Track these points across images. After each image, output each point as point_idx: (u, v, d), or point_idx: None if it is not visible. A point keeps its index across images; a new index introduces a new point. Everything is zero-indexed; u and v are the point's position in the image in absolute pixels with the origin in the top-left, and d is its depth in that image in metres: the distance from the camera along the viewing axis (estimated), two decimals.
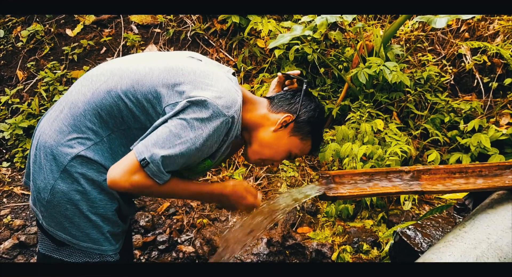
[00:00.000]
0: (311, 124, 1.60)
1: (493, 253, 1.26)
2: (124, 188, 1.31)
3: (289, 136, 1.59)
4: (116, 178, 1.30)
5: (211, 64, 1.54)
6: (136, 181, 1.30)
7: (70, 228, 1.45)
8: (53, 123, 1.45)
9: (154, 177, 1.32)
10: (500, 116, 2.97)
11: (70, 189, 1.41)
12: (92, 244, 1.48)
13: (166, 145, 1.29)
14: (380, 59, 2.90)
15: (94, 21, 4.18)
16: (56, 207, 1.43)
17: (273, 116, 1.57)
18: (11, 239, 2.76)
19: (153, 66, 1.42)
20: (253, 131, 1.59)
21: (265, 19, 3.45)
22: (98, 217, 1.45)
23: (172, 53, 1.59)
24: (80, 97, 1.42)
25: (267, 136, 1.58)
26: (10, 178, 3.43)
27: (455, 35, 3.46)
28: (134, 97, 1.37)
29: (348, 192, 1.50)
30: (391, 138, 2.73)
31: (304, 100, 1.59)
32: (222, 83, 1.42)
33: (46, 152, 1.42)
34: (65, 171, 1.40)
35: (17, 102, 3.88)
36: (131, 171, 1.30)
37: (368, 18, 3.75)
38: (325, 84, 3.41)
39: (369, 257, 2.45)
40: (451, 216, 1.72)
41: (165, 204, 3.05)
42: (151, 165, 1.29)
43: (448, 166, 1.60)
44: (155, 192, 1.38)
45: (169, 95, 1.36)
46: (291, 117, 1.56)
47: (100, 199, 1.44)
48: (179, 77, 1.38)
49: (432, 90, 3.15)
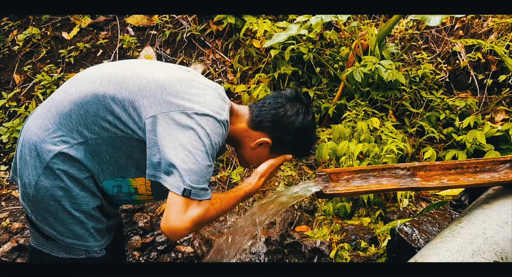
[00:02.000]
0: (291, 144, 1.59)
1: (489, 248, 1.27)
2: (188, 230, 1.30)
3: (269, 154, 1.60)
4: (175, 226, 1.28)
5: (199, 76, 1.56)
6: (194, 215, 1.30)
7: (54, 224, 1.47)
8: (38, 120, 1.46)
9: (202, 196, 1.32)
10: (495, 112, 2.99)
11: (53, 185, 1.42)
12: (76, 240, 1.49)
13: (189, 165, 1.30)
14: (375, 58, 2.91)
15: (90, 24, 4.18)
16: (41, 202, 1.44)
17: (251, 133, 1.57)
18: (10, 242, 2.76)
19: (141, 75, 1.43)
20: (236, 143, 1.62)
21: (261, 20, 3.46)
22: (81, 213, 1.47)
23: (162, 63, 1.60)
24: (67, 97, 1.43)
25: (247, 152, 1.61)
26: (8, 181, 3.43)
27: (450, 33, 3.48)
28: (121, 104, 1.38)
29: (345, 189, 1.51)
30: (387, 136, 2.74)
31: (287, 119, 1.54)
32: (210, 94, 1.45)
33: (31, 148, 1.43)
34: (47, 168, 1.41)
35: (15, 105, 3.87)
36: (183, 210, 1.29)
37: (363, 17, 3.77)
38: (321, 83, 3.42)
39: (367, 255, 2.46)
40: (448, 212, 1.73)
41: (163, 205, 3.05)
42: (192, 190, 1.30)
43: (444, 162, 1.62)
44: (211, 214, 1.38)
45: (157, 104, 1.36)
46: (268, 141, 1.55)
47: (83, 195, 1.45)
48: (168, 87, 1.40)
49: (427, 88, 3.16)
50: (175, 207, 1.29)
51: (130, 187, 1.52)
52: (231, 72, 3.71)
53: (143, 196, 1.56)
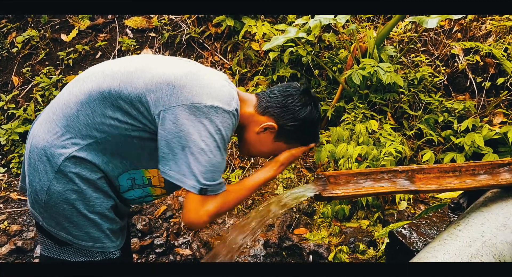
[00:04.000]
0: (296, 133, 1.59)
1: (487, 251, 1.27)
2: (206, 223, 1.38)
3: (273, 141, 1.59)
4: (194, 221, 1.36)
5: (202, 66, 1.54)
6: (210, 209, 1.36)
7: (69, 228, 1.45)
8: (45, 125, 1.44)
9: (218, 191, 1.37)
10: (493, 115, 2.99)
11: (66, 189, 1.40)
12: (92, 243, 1.47)
13: (202, 163, 1.33)
14: (373, 61, 2.91)
15: (89, 26, 4.18)
16: (54, 207, 1.42)
17: (258, 118, 1.56)
18: (8, 245, 2.76)
19: (145, 69, 1.41)
20: (239, 129, 1.59)
21: (259, 22, 3.47)
22: (96, 215, 1.45)
23: (164, 56, 1.58)
24: (72, 98, 1.41)
25: (251, 137, 1.59)
26: (7, 183, 3.43)
27: (448, 35, 3.48)
28: (128, 99, 1.36)
29: (343, 192, 1.51)
30: (386, 138, 2.75)
31: (294, 107, 1.55)
32: (217, 82, 1.43)
33: (40, 154, 1.41)
34: (59, 171, 1.39)
35: (13, 107, 3.87)
36: (200, 206, 1.35)
37: (362, 19, 3.78)
38: (319, 86, 3.43)
39: (365, 257, 2.46)
40: (446, 215, 1.73)
41: (162, 207, 3.05)
42: (209, 187, 1.34)
43: (442, 165, 1.62)
44: (228, 205, 1.43)
45: (164, 99, 1.35)
46: (274, 126, 1.55)
47: (96, 197, 1.44)
48: (174, 80, 1.37)
49: (426, 91, 3.17)
50: (193, 204, 1.35)
51: (144, 178, 1.50)
52: (230, 74, 3.71)
53: (157, 188, 1.55)
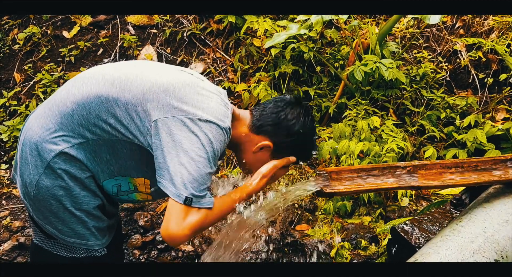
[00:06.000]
0: (293, 147, 1.59)
1: (489, 247, 1.27)
2: (187, 237, 1.32)
3: (270, 158, 1.59)
4: (174, 233, 1.31)
5: (202, 80, 1.54)
6: (192, 222, 1.32)
7: (55, 223, 1.47)
8: (40, 120, 1.46)
9: (203, 204, 1.34)
10: (495, 111, 2.98)
11: (54, 185, 1.42)
12: (77, 239, 1.49)
13: (191, 173, 1.32)
14: (376, 57, 2.91)
15: (91, 23, 4.18)
16: (42, 201, 1.45)
17: (253, 137, 1.56)
18: (11, 241, 2.76)
19: (145, 78, 1.42)
20: (236, 148, 1.61)
21: (261, 19, 3.46)
22: (82, 213, 1.47)
23: (165, 65, 1.59)
24: (69, 97, 1.43)
25: (249, 157, 1.60)
26: (9, 179, 3.43)
27: (450, 31, 3.47)
28: (124, 107, 1.38)
29: (345, 188, 1.51)
30: (388, 135, 2.74)
31: (288, 122, 1.54)
32: (213, 98, 1.44)
33: (32, 148, 1.43)
34: (49, 167, 1.41)
35: (15, 104, 3.87)
36: (182, 217, 1.31)
37: (364, 16, 3.76)
38: (321, 82, 3.42)
39: (367, 253, 2.46)
40: (448, 211, 1.73)
41: (164, 203, 3.05)
42: (194, 198, 1.32)
43: (444, 161, 1.62)
44: (210, 220, 1.39)
45: (160, 108, 1.36)
46: (269, 144, 1.55)
47: (84, 195, 1.45)
48: (172, 91, 1.39)
49: (428, 87, 3.16)
50: (175, 214, 1.31)
51: (130, 184, 1.52)
52: (232, 71, 3.71)
53: (142, 194, 1.57)
